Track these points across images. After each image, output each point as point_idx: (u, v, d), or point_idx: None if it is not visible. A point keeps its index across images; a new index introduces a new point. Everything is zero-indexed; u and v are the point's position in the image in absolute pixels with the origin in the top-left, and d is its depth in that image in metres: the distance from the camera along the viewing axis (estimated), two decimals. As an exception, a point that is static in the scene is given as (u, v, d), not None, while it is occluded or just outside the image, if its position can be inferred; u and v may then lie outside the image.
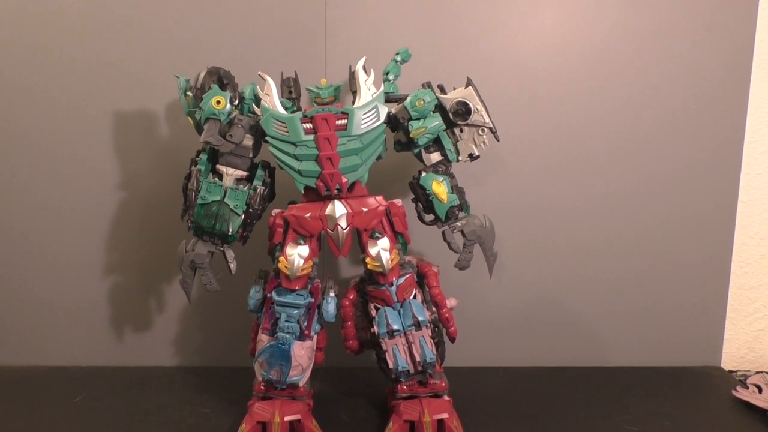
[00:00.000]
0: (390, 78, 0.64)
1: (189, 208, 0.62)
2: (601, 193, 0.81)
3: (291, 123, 0.59)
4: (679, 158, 0.80)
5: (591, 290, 0.83)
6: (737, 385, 0.74)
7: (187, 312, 0.84)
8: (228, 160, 0.62)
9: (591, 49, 0.78)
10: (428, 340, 0.63)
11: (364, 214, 0.61)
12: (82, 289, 0.83)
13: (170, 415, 0.71)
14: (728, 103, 0.79)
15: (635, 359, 0.83)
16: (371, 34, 0.77)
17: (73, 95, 0.79)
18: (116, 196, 0.81)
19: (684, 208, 0.81)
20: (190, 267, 0.63)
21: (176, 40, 0.78)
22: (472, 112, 0.62)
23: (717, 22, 0.77)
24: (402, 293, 0.63)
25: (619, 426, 0.67)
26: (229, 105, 0.61)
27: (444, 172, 0.63)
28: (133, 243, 0.83)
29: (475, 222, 0.64)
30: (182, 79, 0.64)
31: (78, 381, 0.79)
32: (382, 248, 0.61)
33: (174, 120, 0.79)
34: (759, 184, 0.82)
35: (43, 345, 0.85)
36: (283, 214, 0.62)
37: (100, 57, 0.79)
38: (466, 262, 0.64)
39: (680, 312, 0.83)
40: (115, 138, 0.80)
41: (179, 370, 0.83)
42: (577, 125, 0.79)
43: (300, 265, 0.61)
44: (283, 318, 0.62)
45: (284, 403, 0.64)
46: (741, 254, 0.83)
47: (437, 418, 0.62)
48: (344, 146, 0.59)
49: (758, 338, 0.86)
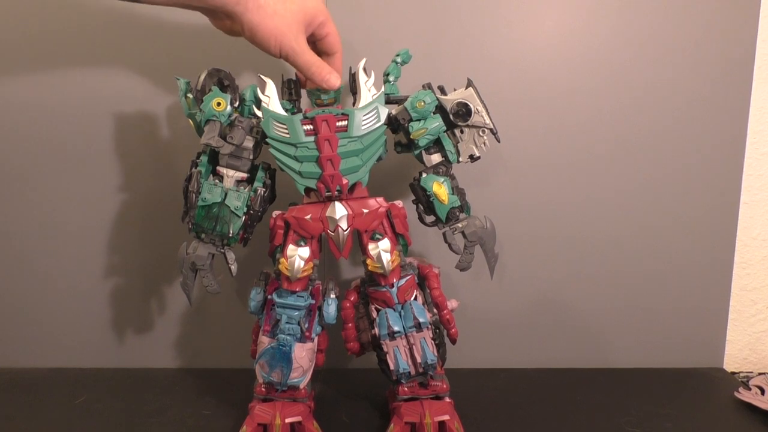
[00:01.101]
0: (390, 79, 0.64)
1: (190, 209, 0.62)
2: (602, 194, 0.80)
3: (291, 124, 0.59)
4: (682, 159, 0.80)
5: (592, 292, 0.82)
6: (739, 386, 0.74)
7: (187, 314, 0.84)
8: (228, 162, 0.62)
9: (592, 50, 0.78)
10: (429, 342, 0.62)
11: (364, 215, 0.61)
12: (83, 291, 0.83)
13: (171, 417, 0.71)
14: (730, 104, 0.79)
15: (637, 361, 0.83)
16: (372, 35, 0.77)
17: (74, 97, 0.79)
18: (117, 198, 0.82)
19: (686, 210, 0.80)
20: (191, 269, 0.63)
21: (177, 42, 0.78)
22: (473, 113, 0.62)
23: (719, 23, 0.77)
24: (403, 295, 0.63)
25: (620, 427, 0.67)
26: (229, 107, 0.61)
27: (445, 174, 0.63)
28: (134, 245, 0.83)
29: (476, 223, 0.63)
30: (183, 81, 0.64)
31: (79, 383, 0.79)
32: (383, 250, 0.61)
33: (175, 122, 0.79)
34: (761, 185, 0.82)
35: (45, 347, 0.85)
36: (284, 216, 0.62)
37: (101, 58, 0.79)
38: (467, 263, 0.64)
39: (682, 313, 0.82)
40: (116, 140, 0.80)
41: (180, 371, 0.83)
42: (579, 127, 0.79)
43: (300, 267, 0.61)
44: (284, 320, 0.62)
45: (285, 404, 0.64)
46: (743, 255, 0.83)
47: (438, 419, 0.62)
48: (345, 148, 0.59)
49: (760, 339, 0.86)
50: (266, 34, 0.58)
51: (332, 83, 0.62)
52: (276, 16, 0.57)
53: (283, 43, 0.58)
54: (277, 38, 0.58)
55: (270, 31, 0.57)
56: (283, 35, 0.58)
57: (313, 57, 0.61)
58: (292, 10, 0.58)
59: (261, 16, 0.57)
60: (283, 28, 0.58)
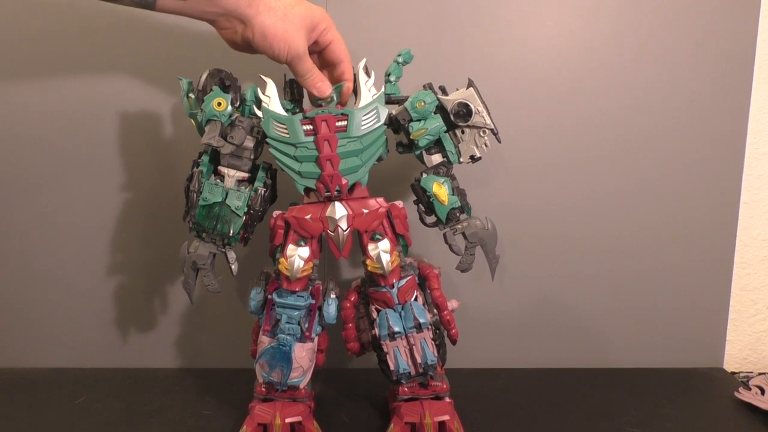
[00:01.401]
0: (391, 79, 0.64)
1: (191, 209, 0.62)
2: (602, 194, 0.80)
3: (291, 124, 0.59)
4: (682, 160, 0.80)
5: (592, 292, 0.82)
6: (739, 386, 0.74)
7: (188, 313, 0.84)
8: (229, 162, 0.62)
9: (593, 50, 0.78)
10: (429, 342, 0.62)
11: (364, 215, 0.61)
12: (83, 291, 0.83)
13: (171, 417, 0.71)
14: (730, 104, 0.79)
15: (637, 361, 0.83)
16: (372, 35, 0.77)
17: (75, 97, 0.79)
18: (118, 197, 0.82)
19: (686, 210, 0.80)
20: (192, 268, 0.63)
21: (180, 42, 0.78)
22: (474, 113, 0.62)
23: (719, 23, 0.77)
24: (403, 295, 0.63)
25: (620, 427, 0.67)
26: (230, 107, 0.61)
27: (445, 174, 0.63)
28: (135, 244, 0.83)
29: (476, 224, 0.63)
30: (185, 81, 0.64)
31: (79, 382, 0.79)
32: (383, 250, 0.61)
33: (177, 121, 0.79)
34: (761, 185, 0.82)
35: (45, 347, 0.85)
36: (284, 216, 0.62)
37: (103, 59, 0.79)
38: (467, 264, 0.64)
39: (682, 313, 0.83)
40: (117, 140, 0.80)
41: (180, 371, 0.83)
42: (579, 127, 0.79)
43: (300, 267, 0.61)
44: (284, 320, 0.62)
45: (285, 404, 0.64)
46: (743, 255, 0.83)
47: (438, 420, 0.62)
48: (344, 148, 0.59)
49: (761, 339, 0.86)
50: (277, 37, 0.58)
51: (322, 90, 0.62)
52: (286, 20, 0.58)
53: (292, 46, 0.59)
54: (287, 41, 0.58)
55: (281, 34, 0.58)
56: (292, 39, 0.58)
57: (311, 64, 0.61)
58: (299, 14, 0.59)
59: (273, 19, 0.58)
60: (293, 31, 0.58)
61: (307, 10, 0.59)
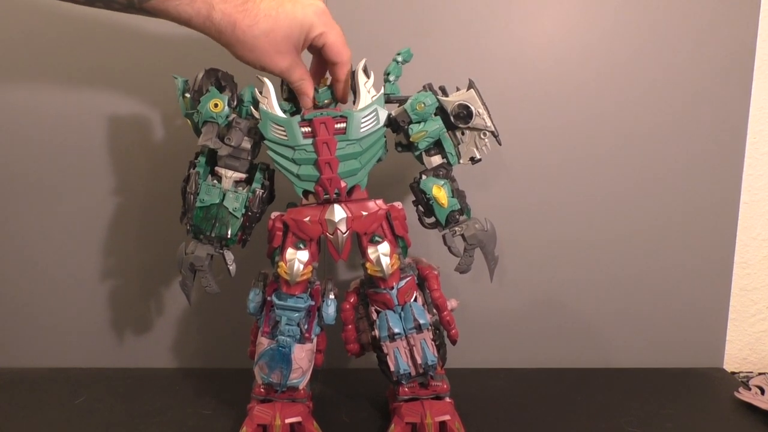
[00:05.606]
0: (391, 79, 0.63)
1: (188, 210, 0.62)
2: (602, 195, 0.80)
3: (289, 127, 0.59)
4: (681, 159, 0.79)
5: (592, 292, 0.82)
6: (739, 386, 0.74)
7: (187, 314, 0.84)
8: (226, 163, 0.61)
9: (592, 51, 0.78)
10: (429, 343, 0.62)
11: (363, 218, 0.61)
12: (83, 291, 0.83)
13: (171, 417, 0.71)
14: (730, 104, 0.78)
15: (637, 361, 0.83)
16: (372, 34, 0.77)
17: (71, 99, 0.79)
18: (116, 199, 0.81)
19: (686, 210, 0.80)
20: (190, 269, 0.63)
21: (175, 40, 0.77)
22: (474, 115, 0.61)
23: (719, 23, 0.76)
24: (403, 296, 0.62)
25: (620, 427, 0.67)
26: (227, 108, 0.60)
27: (445, 176, 0.63)
28: (133, 245, 0.83)
29: (475, 226, 0.63)
30: (180, 80, 0.63)
31: (79, 383, 0.79)
32: (382, 253, 0.61)
33: (172, 121, 0.79)
34: (761, 185, 0.82)
35: (45, 347, 0.85)
36: (283, 218, 0.61)
37: (98, 60, 0.78)
38: (466, 266, 0.64)
39: (682, 313, 0.82)
40: (114, 141, 0.80)
41: (180, 372, 0.83)
42: (579, 128, 0.79)
43: (300, 271, 0.60)
44: (284, 321, 0.61)
45: (284, 405, 0.64)
46: (743, 255, 0.83)
47: (439, 420, 0.62)
48: (343, 150, 0.59)
49: (760, 339, 0.86)
50: (253, 62, 0.57)
51: (306, 103, 0.61)
52: (256, 49, 0.56)
53: (276, 64, 0.58)
54: (263, 62, 0.57)
55: (256, 58, 0.57)
56: (272, 59, 0.57)
57: (300, 74, 0.60)
58: (283, 29, 0.56)
59: (242, 51, 0.56)
60: (273, 53, 0.57)
61: (293, 21, 0.56)
